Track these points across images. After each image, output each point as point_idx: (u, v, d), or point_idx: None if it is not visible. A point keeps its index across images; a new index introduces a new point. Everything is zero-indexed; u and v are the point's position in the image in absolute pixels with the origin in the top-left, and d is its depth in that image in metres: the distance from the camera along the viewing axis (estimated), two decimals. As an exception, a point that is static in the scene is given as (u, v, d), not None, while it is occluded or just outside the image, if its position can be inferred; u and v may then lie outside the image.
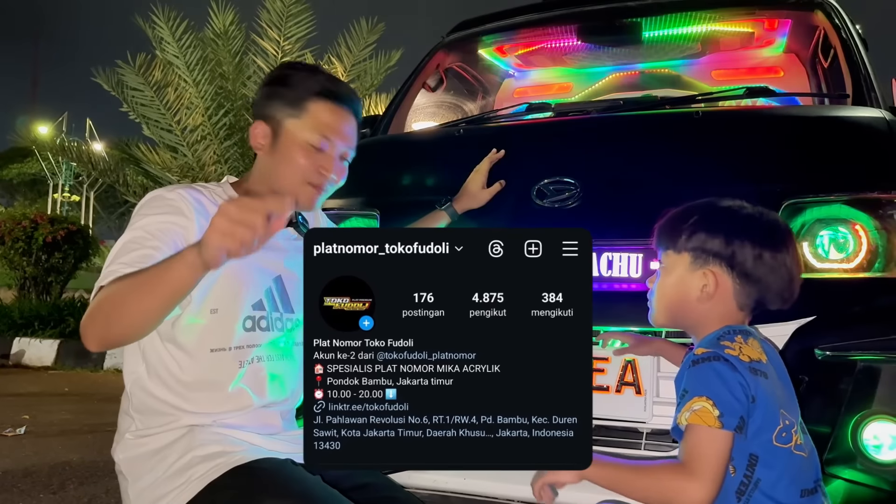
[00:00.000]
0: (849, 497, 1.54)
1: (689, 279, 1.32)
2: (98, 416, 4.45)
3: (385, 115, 2.81)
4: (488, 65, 3.43)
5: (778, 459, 1.20)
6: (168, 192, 1.47)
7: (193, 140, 7.56)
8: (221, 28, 7.75)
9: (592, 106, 2.53)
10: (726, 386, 1.17)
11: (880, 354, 1.57)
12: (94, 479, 3.10)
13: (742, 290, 1.29)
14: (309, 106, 1.53)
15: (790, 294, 1.31)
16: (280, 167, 1.54)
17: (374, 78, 8.39)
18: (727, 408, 1.16)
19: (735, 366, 1.19)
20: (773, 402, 1.21)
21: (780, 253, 1.29)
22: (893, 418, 1.54)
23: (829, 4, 2.58)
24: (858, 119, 1.90)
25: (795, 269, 1.30)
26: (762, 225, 1.31)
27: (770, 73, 3.04)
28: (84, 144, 11.09)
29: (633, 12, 2.81)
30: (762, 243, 1.28)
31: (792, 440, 1.22)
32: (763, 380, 1.20)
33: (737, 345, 1.23)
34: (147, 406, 1.45)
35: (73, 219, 9.90)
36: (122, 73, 7.57)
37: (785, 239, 1.31)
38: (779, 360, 1.31)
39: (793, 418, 1.24)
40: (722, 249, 1.29)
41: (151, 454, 1.42)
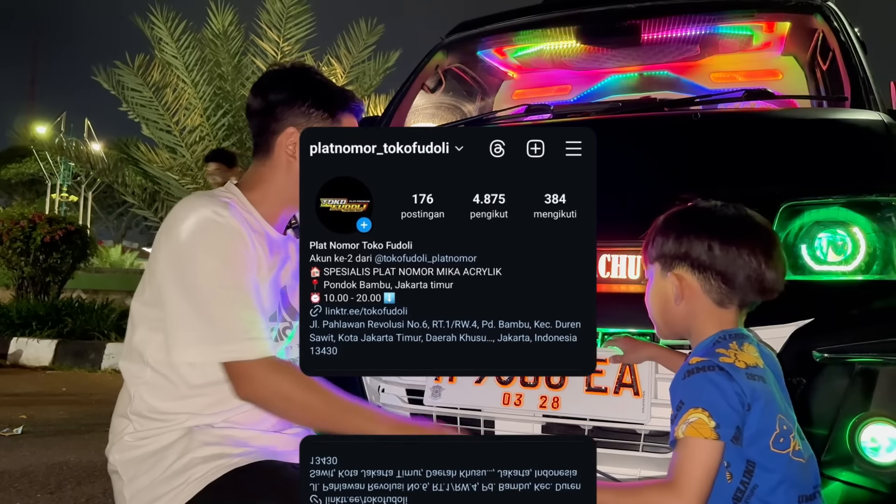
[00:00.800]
0: (846, 499, 1.54)
1: (662, 286, 1.36)
2: (95, 417, 4.45)
3: (384, 117, 2.81)
4: (487, 66, 3.43)
5: (776, 465, 1.20)
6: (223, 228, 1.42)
7: (192, 140, 7.57)
8: (220, 29, 7.75)
9: (591, 108, 2.53)
10: (722, 396, 1.17)
11: (878, 357, 1.57)
12: (91, 480, 3.10)
13: (708, 285, 1.31)
14: (343, 118, 1.59)
15: (768, 283, 1.29)
16: (285, 174, 1.55)
17: (372, 79, 8.41)
18: (723, 419, 1.16)
19: (731, 374, 1.19)
20: (770, 408, 1.20)
21: (734, 241, 1.29)
22: (891, 420, 1.54)
23: (827, 7, 2.58)
24: (857, 122, 1.90)
25: (761, 256, 1.28)
26: (714, 218, 1.33)
27: (769, 76, 3.05)
28: (82, 144, 11.09)
29: (633, 14, 2.81)
30: (711, 235, 1.30)
31: (790, 446, 1.21)
32: (760, 385, 1.20)
33: (731, 351, 1.24)
34: (150, 408, 1.44)
35: (71, 219, 9.89)
36: (120, 74, 7.58)
37: (740, 228, 1.31)
38: (776, 365, 1.31)
39: (790, 423, 1.23)
40: (677, 250, 1.33)
41: (149, 455, 1.42)
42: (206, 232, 1.40)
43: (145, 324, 1.47)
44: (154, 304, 1.44)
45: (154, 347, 1.45)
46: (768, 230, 1.34)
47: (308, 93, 1.58)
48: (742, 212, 1.35)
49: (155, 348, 1.45)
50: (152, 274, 1.45)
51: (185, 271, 1.39)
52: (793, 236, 1.72)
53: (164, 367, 1.44)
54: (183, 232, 1.39)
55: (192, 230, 1.40)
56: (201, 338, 1.36)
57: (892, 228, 1.67)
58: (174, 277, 1.39)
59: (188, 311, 1.37)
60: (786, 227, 1.73)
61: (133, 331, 1.50)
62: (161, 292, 1.40)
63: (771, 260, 1.30)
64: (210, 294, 1.37)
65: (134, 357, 1.48)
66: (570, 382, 1.68)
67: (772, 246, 1.31)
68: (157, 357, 1.44)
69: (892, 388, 1.55)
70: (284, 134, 1.55)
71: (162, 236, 1.44)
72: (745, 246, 1.29)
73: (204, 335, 1.36)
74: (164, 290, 1.40)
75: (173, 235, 1.41)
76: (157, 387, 1.44)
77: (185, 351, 1.37)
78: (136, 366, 1.47)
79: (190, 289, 1.37)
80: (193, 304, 1.37)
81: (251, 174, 1.60)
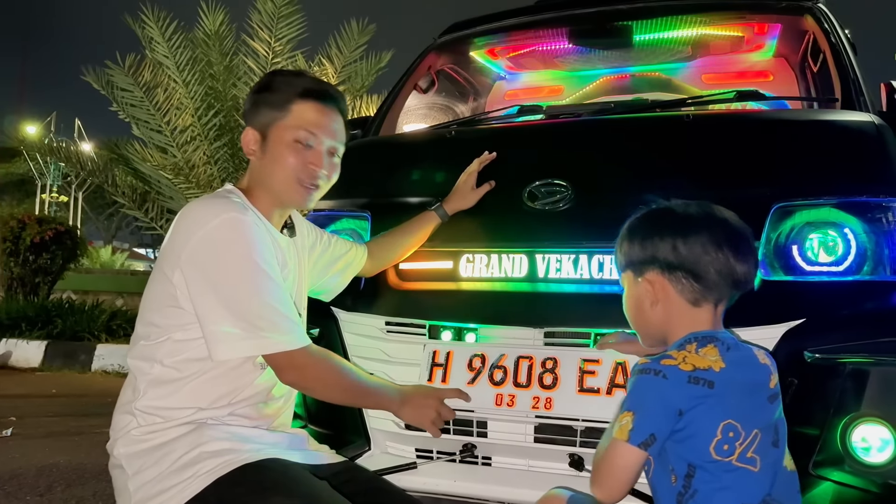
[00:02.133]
0: (837, 499, 1.54)
1: (636, 293, 1.37)
2: (86, 418, 4.42)
3: (376, 117, 2.81)
4: (480, 67, 3.43)
5: (716, 471, 1.19)
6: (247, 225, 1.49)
7: (183, 141, 7.54)
8: (212, 29, 7.73)
9: (583, 109, 2.54)
10: (648, 400, 1.21)
11: (869, 357, 1.57)
12: (81, 482, 3.08)
13: (680, 284, 1.31)
14: (293, 107, 1.58)
15: (739, 275, 1.29)
16: (272, 169, 1.57)
17: (364, 79, 8.40)
18: (640, 424, 1.19)
19: (667, 376, 1.20)
20: (712, 413, 1.19)
21: (697, 237, 1.29)
22: (882, 421, 1.54)
23: (818, 9, 2.59)
24: (847, 123, 1.91)
25: (727, 249, 1.28)
26: (676, 217, 1.34)
27: (760, 77, 3.06)
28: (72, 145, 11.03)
29: (624, 16, 2.82)
30: (674, 234, 1.31)
31: (735, 452, 1.19)
32: (703, 390, 1.19)
33: (683, 353, 1.23)
34: (157, 404, 1.46)
35: (61, 219, 9.84)
36: (110, 74, 7.54)
37: (702, 223, 1.31)
38: (755, 371, 1.27)
39: (745, 430, 1.20)
40: (643, 254, 1.34)
41: (156, 448, 1.43)
42: (237, 232, 1.45)
43: (158, 322, 1.49)
44: (168, 304, 1.47)
45: (167, 344, 1.47)
46: (733, 223, 1.33)
47: (257, 91, 1.63)
48: (705, 208, 1.35)
49: (168, 345, 1.47)
50: (168, 275, 1.46)
51: (221, 272, 1.43)
52: (784, 237, 1.73)
53: (173, 363, 1.47)
54: (214, 233, 1.43)
55: (223, 231, 1.44)
56: (246, 334, 1.42)
57: (883, 229, 1.67)
58: (210, 279, 1.43)
59: (228, 309, 1.42)
60: (777, 228, 1.74)
61: (144, 328, 1.52)
62: (193, 292, 1.44)
63: (738, 252, 1.30)
64: (250, 291, 1.43)
65: (143, 353, 1.49)
66: (563, 383, 1.68)
67: (738, 238, 1.31)
68: (168, 353, 1.47)
69: (883, 389, 1.55)
70: (244, 135, 1.62)
71: (184, 237, 1.46)
72: (710, 240, 1.29)
73: (247, 332, 1.42)
74: (199, 291, 1.43)
75: (202, 237, 1.44)
76: (165, 382, 1.47)
77: (231, 347, 1.42)
78: (144, 362, 1.49)
79: (229, 289, 1.42)
80: (233, 302, 1.42)
81: (243, 179, 1.65)
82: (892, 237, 1.67)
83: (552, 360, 1.72)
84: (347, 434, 1.93)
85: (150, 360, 1.47)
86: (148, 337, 1.49)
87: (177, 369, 1.46)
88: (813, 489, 1.56)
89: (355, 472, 1.62)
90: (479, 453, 1.79)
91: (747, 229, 1.34)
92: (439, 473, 1.78)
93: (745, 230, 1.34)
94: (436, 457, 1.83)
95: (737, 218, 1.35)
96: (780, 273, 1.72)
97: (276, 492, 1.35)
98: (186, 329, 1.46)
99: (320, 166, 1.59)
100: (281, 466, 1.42)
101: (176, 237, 1.47)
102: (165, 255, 1.49)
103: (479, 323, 1.86)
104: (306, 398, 1.98)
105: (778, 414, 1.28)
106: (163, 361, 1.46)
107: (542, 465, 1.74)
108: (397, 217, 2.01)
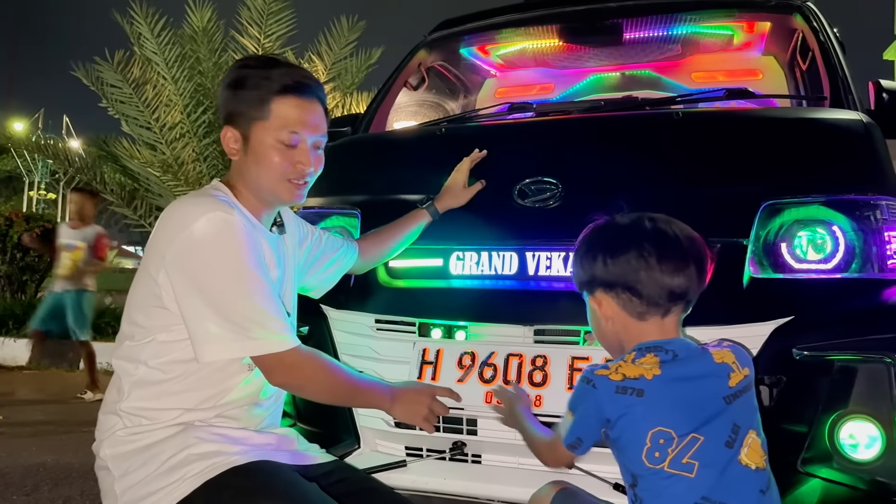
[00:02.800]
0: (825, 496, 1.55)
1: (592, 312, 1.41)
2: (73, 417, 4.39)
3: (366, 114, 2.80)
4: (470, 64, 3.43)
5: (651, 478, 1.21)
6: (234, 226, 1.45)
7: (172, 138, 7.50)
8: (199, 25, 7.69)
9: (574, 107, 2.54)
10: (580, 406, 1.30)
11: (857, 354, 1.58)
12: (68, 481, 3.06)
13: (621, 301, 1.33)
14: (272, 106, 1.51)
15: (676, 288, 1.29)
16: (257, 169, 1.53)
17: (354, 76, 8.37)
18: (573, 426, 1.31)
19: (597, 385, 1.25)
20: (640, 422, 1.21)
21: (622, 254, 1.31)
22: (869, 418, 1.55)
23: (807, 8, 2.60)
24: (836, 121, 1.92)
25: (655, 263, 1.28)
26: (605, 235, 1.38)
27: (749, 76, 3.07)
28: (61, 142, 10.95)
29: (614, 13, 2.82)
30: (602, 253, 1.34)
31: (666, 459, 1.19)
32: (633, 398, 1.22)
33: (616, 364, 1.27)
34: (142, 405, 1.44)
35: (48, 217, 9.78)
36: (100, 70, 7.49)
37: (627, 239, 1.32)
38: (700, 373, 1.26)
39: (679, 436, 1.20)
40: (584, 275, 1.38)
41: (143, 449, 1.41)
42: (223, 232, 1.41)
43: (143, 323, 1.47)
44: (153, 305, 1.44)
45: (152, 345, 1.45)
46: (669, 236, 1.32)
47: (229, 86, 1.54)
48: (640, 222, 1.35)
49: (153, 346, 1.45)
50: (153, 275, 1.44)
51: (207, 273, 1.40)
52: (773, 235, 1.74)
53: (158, 364, 1.44)
54: (198, 233, 1.40)
55: (208, 230, 1.40)
56: (233, 336, 1.39)
57: (871, 227, 1.68)
58: (195, 280, 1.40)
59: (214, 311, 1.39)
60: (766, 225, 1.74)
61: (129, 328, 1.49)
62: (178, 294, 1.41)
63: (669, 265, 1.29)
64: (236, 292, 1.40)
65: (128, 354, 1.47)
66: (553, 381, 1.68)
67: (668, 251, 1.30)
68: (153, 354, 1.45)
69: (870, 386, 1.56)
70: (223, 135, 1.56)
71: (168, 237, 1.42)
72: (635, 255, 1.30)
73: (235, 333, 1.39)
74: (184, 292, 1.40)
75: (187, 237, 1.40)
76: (150, 383, 1.45)
77: (218, 349, 1.40)
78: (129, 363, 1.47)
79: (215, 289, 1.39)
80: (220, 303, 1.39)
81: (230, 175, 1.61)
82: (879, 235, 1.68)
83: (542, 358, 1.72)
84: (337, 432, 1.92)
85: (135, 360, 1.45)
86: (133, 337, 1.47)
87: (162, 371, 1.44)
88: (801, 486, 1.57)
89: (347, 472, 1.61)
90: (469, 451, 1.78)
91: (686, 242, 1.32)
92: (429, 471, 1.78)
93: (681, 244, 1.31)
94: (426, 455, 1.83)
95: (680, 230, 1.33)
96: (769, 270, 1.72)
97: (265, 495, 1.34)
98: (171, 330, 1.43)
99: (308, 164, 1.55)
100: (269, 469, 1.40)
101: (160, 236, 1.44)
102: (150, 254, 1.46)
103: (469, 321, 1.86)
104: (295, 396, 1.97)
105: (741, 412, 1.26)
106: (147, 362, 1.44)
107: (532, 462, 1.73)
108: (387, 214, 2.00)
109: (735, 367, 1.28)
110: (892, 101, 2.09)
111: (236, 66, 1.58)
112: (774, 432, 1.31)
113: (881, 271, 1.67)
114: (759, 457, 1.24)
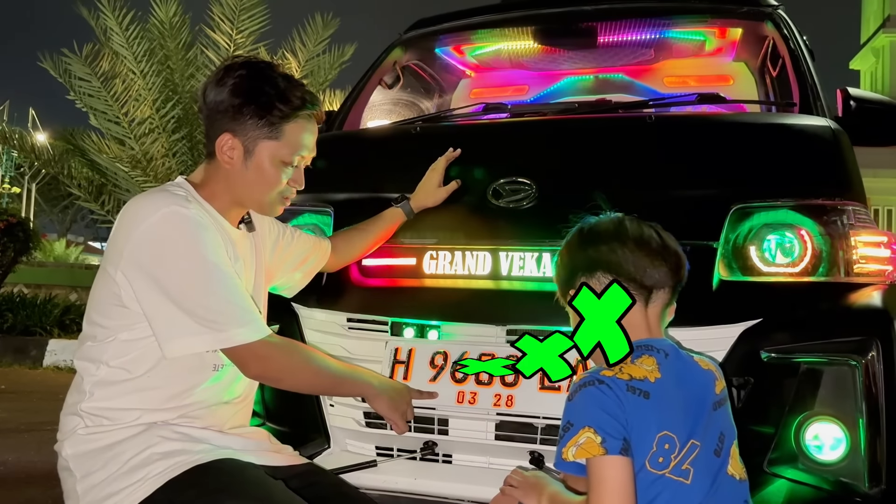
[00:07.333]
0: (791, 496, 1.57)
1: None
2: (36, 415, 4.31)
3: (340, 112, 2.78)
4: (445, 64, 3.42)
5: (656, 483, 1.16)
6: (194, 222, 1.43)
7: (141, 133, 7.40)
8: (164, 19, 7.58)
9: (548, 108, 2.55)
10: (604, 410, 1.16)
11: (823, 357, 1.61)
12: (31, 480, 3.00)
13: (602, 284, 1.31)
14: (286, 127, 1.50)
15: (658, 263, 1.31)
16: (252, 183, 1.52)
17: (327, 73, 8.33)
18: (608, 432, 1.14)
19: (610, 385, 1.18)
20: (648, 425, 1.17)
21: (603, 241, 1.33)
22: (834, 419, 1.58)
23: (778, 16, 2.64)
24: (805, 127, 1.95)
25: (631, 244, 1.31)
26: (581, 231, 1.40)
27: (720, 81, 3.11)
28: (26, 134, 10.73)
29: (588, 17, 2.84)
30: (581, 242, 1.38)
31: (669, 465, 1.17)
32: (641, 399, 1.18)
33: (618, 365, 1.22)
34: (104, 405, 1.42)
35: (13, 211, 9.57)
36: (68, 62, 7.37)
37: (606, 228, 1.36)
38: (693, 379, 1.27)
39: (681, 442, 1.18)
40: (565, 270, 1.39)
41: (105, 449, 1.39)
42: (179, 227, 1.39)
43: (104, 323, 1.44)
44: (113, 304, 1.42)
45: (114, 345, 1.42)
46: (642, 225, 1.36)
47: (240, 95, 1.48)
48: (615, 218, 1.38)
49: (114, 346, 1.42)
50: (112, 274, 1.41)
51: (166, 269, 1.38)
52: (742, 238, 1.76)
53: (121, 364, 1.42)
54: (154, 229, 1.38)
55: (164, 226, 1.38)
56: (200, 329, 1.37)
57: (838, 231, 1.71)
58: (155, 277, 1.37)
59: (177, 306, 1.37)
60: (736, 228, 1.76)
61: (90, 329, 1.47)
62: (138, 291, 1.38)
63: (646, 247, 1.31)
64: (198, 286, 1.38)
65: (89, 355, 1.45)
66: (525, 381, 1.68)
67: (645, 235, 1.33)
68: (115, 354, 1.42)
69: (835, 388, 1.59)
70: (220, 140, 1.50)
71: (125, 234, 1.41)
72: (614, 238, 1.33)
73: (202, 326, 1.37)
74: (144, 290, 1.38)
75: (142, 233, 1.38)
76: (112, 383, 1.42)
77: (185, 343, 1.38)
78: (90, 363, 1.44)
79: (176, 285, 1.37)
80: (182, 298, 1.37)
81: (200, 171, 1.57)
82: (846, 239, 1.71)
83: (514, 358, 1.72)
84: (306, 431, 1.91)
85: (97, 361, 1.43)
86: (94, 337, 1.44)
87: (124, 370, 1.42)
88: (767, 487, 1.59)
89: (318, 475, 1.58)
90: (440, 451, 1.78)
91: (662, 234, 1.36)
92: (400, 471, 1.77)
93: (657, 233, 1.35)
94: (396, 455, 1.82)
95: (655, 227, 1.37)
96: (738, 273, 1.74)
97: (229, 493, 1.32)
98: (133, 329, 1.41)
99: (301, 184, 1.58)
100: (234, 467, 1.38)
101: (118, 234, 1.42)
102: (109, 253, 1.44)
103: (441, 320, 1.86)
104: (264, 395, 1.96)
105: (724, 421, 1.27)
106: (109, 363, 1.42)
107: (502, 462, 1.74)
108: (361, 213, 1.99)
109: (717, 374, 1.30)
110: (859, 109, 2.14)
111: (238, 70, 1.50)
112: (742, 433, 1.33)
113: (847, 275, 1.70)
114: (741, 468, 1.25)
